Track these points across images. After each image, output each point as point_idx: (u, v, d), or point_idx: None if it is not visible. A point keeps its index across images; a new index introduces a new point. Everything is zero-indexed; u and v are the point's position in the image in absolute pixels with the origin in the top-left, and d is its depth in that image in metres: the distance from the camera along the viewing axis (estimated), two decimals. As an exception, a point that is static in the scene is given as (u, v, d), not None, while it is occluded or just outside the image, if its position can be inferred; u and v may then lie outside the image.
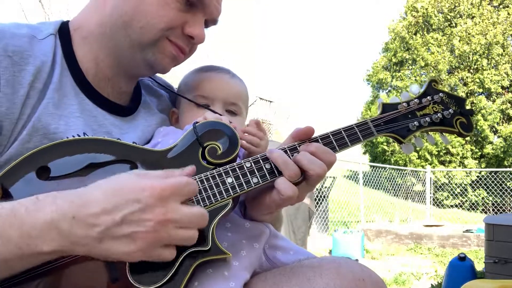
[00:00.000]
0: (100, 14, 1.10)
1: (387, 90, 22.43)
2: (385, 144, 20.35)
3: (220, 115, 1.14)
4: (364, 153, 22.90)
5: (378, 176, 12.79)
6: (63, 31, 1.12)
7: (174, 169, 0.89)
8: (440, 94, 1.12)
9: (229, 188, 0.95)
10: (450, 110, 1.12)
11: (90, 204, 0.77)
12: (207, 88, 1.20)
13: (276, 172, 0.98)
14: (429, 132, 1.13)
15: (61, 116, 1.02)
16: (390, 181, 13.46)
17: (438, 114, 1.11)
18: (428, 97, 1.11)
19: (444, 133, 1.14)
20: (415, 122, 1.09)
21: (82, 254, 0.80)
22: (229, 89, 1.22)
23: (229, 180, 0.95)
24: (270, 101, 17.69)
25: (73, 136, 1.01)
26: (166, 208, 0.79)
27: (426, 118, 1.09)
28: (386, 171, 13.66)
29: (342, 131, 1.03)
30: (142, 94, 1.27)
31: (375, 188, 12.64)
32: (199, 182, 0.94)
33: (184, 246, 0.86)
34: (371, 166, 14.52)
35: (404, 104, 1.10)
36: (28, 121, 0.98)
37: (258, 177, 0.97)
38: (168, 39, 1.08)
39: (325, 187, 9.74)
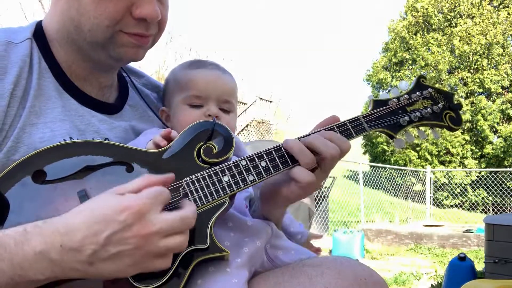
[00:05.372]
0: (56, 21, 1.09)
1: (387, 90, 22.40)
2: (385, 144, 20.34)
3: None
4: (364, 153, 22.89)
5: (378, 176, 12.79)
6: (39, 33, 1.11)
7: (153, 174, 0.88)
8: (428, 89, 1.14)
9: (226, 187, 0.95)
10: (439, 105, 1.14)
11: (73, 232, 0.78)
12: (201, 87, 1.19)
13: (271, 169, 0.99)
14: (420, 127, 1.15)
15: (45, 124, 1.01)
16: (390, 181, 13.46)
17: (428, 109, 1.13)
18: (417, 93, 1.13)
19: (434, 128, 1.16)
20: (405, 117, 1.10)
21: (76, 277, 0.81)
22: (223, 87, 1.21)
23: (225, 178, 0.96)
24: (270, 101, 17.70)
25: (59, 142, 0.99)
26: (145, 222, 0.79)
27: (416, 113, 1.11)
28: (386, 171, 13.66)
29: (335, 128, 1.05)
30: (129, 89, 1.26)
31: (375, 188, 12.64)
32: (195, 181, 0.94)
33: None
34: (371, 166, 14.51)
35: (394, 100, 1.12)
36: (10, 131, 0.97)
37: (254, 174, 0.98)
38: (122, 31, 1.04)
39: (325, 187, 9.73)
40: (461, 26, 20.62)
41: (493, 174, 13.80)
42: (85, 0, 1.01)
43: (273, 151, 1.01)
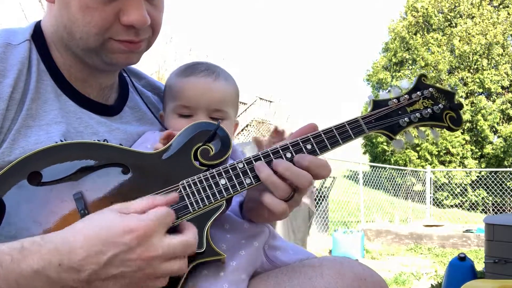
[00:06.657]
0: (51, 25, 1.08)
1: (387, 90, 22.36)
2: (385, 144, 20.34)
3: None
4: (364, 153, 22.89)
5: (378, 176, 12.78)
6: (38, 34, 1.10)
7: (157, 195, 0.89)
8: (430, 89, 1.11)
9: (223, 190, 0.94)
10: (439, 105, 1.11)
11: (74, 251, 0.78)
12: (189, 97, 1.16)
13: None
14: (419, 127, 1.12)
15: (40, 127, 1.01)
16: (390, 181, 13.46)
17: (428, 109, 1.10)
18: (418, 92, 1.10)
19: (433, 128, 1.13)
20: (405, 118, 1.08)
21: None
22: (212, 96, 1.17)
23: (222, 181, 0.95)
24: (270, 101, 17.70)
25: (56, 142, 0.99)
26: (148, 246, 0.80)
27: (416, 114, 1.08)
28: (386, 171, 13.66)
29: (334, 130, 1.02)
30: (129, 91, 1.25)
31: (375, 188, 12.64)
32: (192, 184, 0.94)
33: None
34: (371, 166, 14.52)
35: (394, 100, 1.09)
36: (8, 134, 0.97)
37: (251, 177, 0.96)
38: (112, 38, 1.02)
39: (325, 187, 9.74)
40: (461, 26, 20.62)
41: (493, 174, 13.80)
42: (73, 9, 0.99)
43: (270, 154, 0.98)
